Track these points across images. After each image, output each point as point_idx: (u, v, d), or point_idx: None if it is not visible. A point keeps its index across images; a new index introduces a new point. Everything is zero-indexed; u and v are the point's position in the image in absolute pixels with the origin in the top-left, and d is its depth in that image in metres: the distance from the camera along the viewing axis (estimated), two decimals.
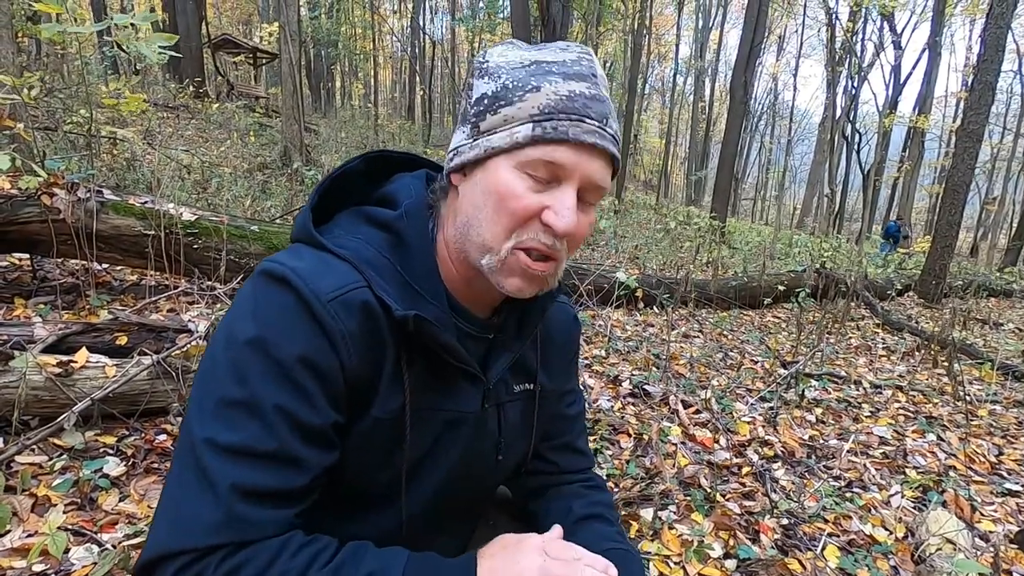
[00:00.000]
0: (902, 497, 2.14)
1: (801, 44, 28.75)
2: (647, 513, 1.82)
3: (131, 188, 4.20)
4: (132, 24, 2.33)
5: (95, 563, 1.28)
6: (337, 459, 0.62)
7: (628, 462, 2.14)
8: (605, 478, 2.00)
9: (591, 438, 2.31)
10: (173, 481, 0.56)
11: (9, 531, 1.38)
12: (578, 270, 4.25)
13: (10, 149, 2.30)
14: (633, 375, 2.98)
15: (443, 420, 0.68)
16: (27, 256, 2.84)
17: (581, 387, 0.98)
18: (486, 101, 0.61)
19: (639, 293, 4.30)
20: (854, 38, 18.99)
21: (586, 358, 3.22)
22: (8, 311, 2.41)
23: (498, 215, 0.60)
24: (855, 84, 19.87)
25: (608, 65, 25.96)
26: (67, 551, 1.34)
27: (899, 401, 3.21)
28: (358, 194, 0.71)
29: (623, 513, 1.82)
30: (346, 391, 0.60)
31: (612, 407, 2.62)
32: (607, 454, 2.21)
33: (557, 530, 0.65)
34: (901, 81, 20.92)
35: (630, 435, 2.36)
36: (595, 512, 0.81)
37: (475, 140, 0.62)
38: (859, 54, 20.26)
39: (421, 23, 23.21)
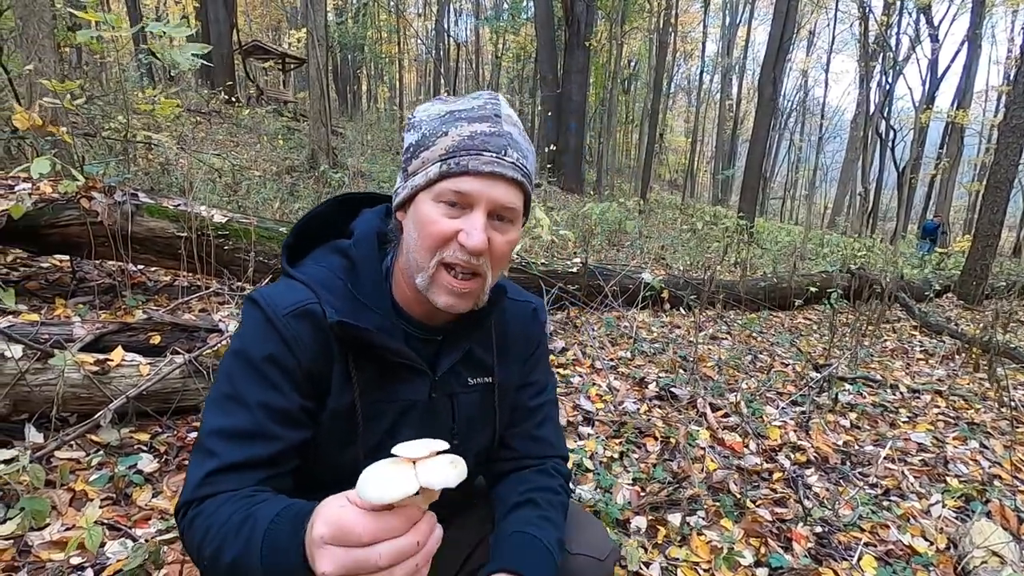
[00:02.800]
0: (943, 506, 2.05)
1: (833, 39, 27.97)
2: (675, 518, 1.79)
3: (165, 191, 4.31)
4: (164, 32, 2.40)
5: (128, 557, 1.31)
6: (309, 436, 0.77)
7: (655, 466, 2.11)
8: (632, 481, 1.98)
9: (616, 440, 2.28)
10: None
11: (48, 524, 1.42)
12: (603, 271, 4.22)
13: (51, 154, 2.38)
14: (659, 377, 2.93)
15: (396, 410, 0.81)
16: (67, 258, 2.94)
17: (553, 378, 1.02)
18: (411, 149, 0.76)
19: (665, 294, 4.24)
20: (888, 32, 18.44)
21: (612, 359, 3.18)
22: (49, 310, 2.50)
23: (423, 240, 0.73)
24: (890, 79, 19.28)
25: (633, 64, 25.74)
26: (103, 545, 1.37)
27: (938, 406, 3.09)
28: (337, 228, 0.88)
29: (650, 518, 1.79)
30: (307, 383, 0.76)
31: (638, 409, 2.59)
32: (633, 457, 2.18)
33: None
34: (938, 75, 20.20)
35: (656, 438, 2.33)
36: (527, 498, 0.88)
37: (405, 182, 0.77)
38: (894, 48, 19.67)
39: (445, 25, 23.37)
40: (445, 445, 0.55)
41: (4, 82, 4.03)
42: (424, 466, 0.52)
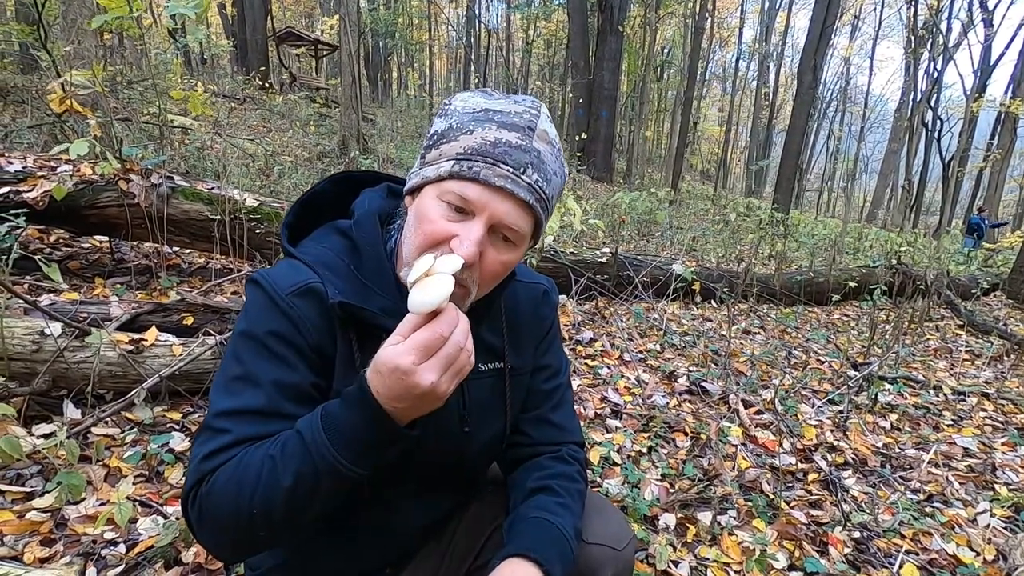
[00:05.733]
0: (991, 515, 1.95)
1: (879, 24, 26.89)
2: (705, 516, 1.74)
3: (199, 175, 4.39)
4: (181, 11, 2.41)
5: (160, 534, 1.33)
6: None
7: (685, 462, 2.05)
8: (660, 477, 1.93)
9: (645, 435, 2.23)
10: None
11: (84, 499, 1.45)
12: (633, 261, 4.13)
13: (91, 137, 2.42)
14: (690, 371, 2.86)
15: None
16: (106, 239, 3.01)
17: (567, 360, 0.99)
18: (434, 137, 0.72)
19: (696, 286, 4.13)
20: (939, 16, 17.57)
21: (640, 351, 3.12)
22: (89, 290, 2.56)
23: (416, 234, 0.71)
24: (938, 66, 18.42)
25: (666, 51, 25.17)
26: (134, 521, 1.39)
27: (985, 409, 2.94)
28: (336, 208, 0.85)
29: (679, 515, 1.74)
30: (317, 360, 0.74)
31: (667, 403, 2.53)
32: (662, 452, 2.13)
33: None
34: (992, 62, 19.21)
35: (686, 434, 2.27)
36: (544, 484, 0.85)
37: (419, 169, 0.74)
38: (944, 33, 18.75)
39: (477, 12, 23.21)
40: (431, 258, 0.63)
41: (48, 65, 4.15)
42: (441, 262, 0.63)
